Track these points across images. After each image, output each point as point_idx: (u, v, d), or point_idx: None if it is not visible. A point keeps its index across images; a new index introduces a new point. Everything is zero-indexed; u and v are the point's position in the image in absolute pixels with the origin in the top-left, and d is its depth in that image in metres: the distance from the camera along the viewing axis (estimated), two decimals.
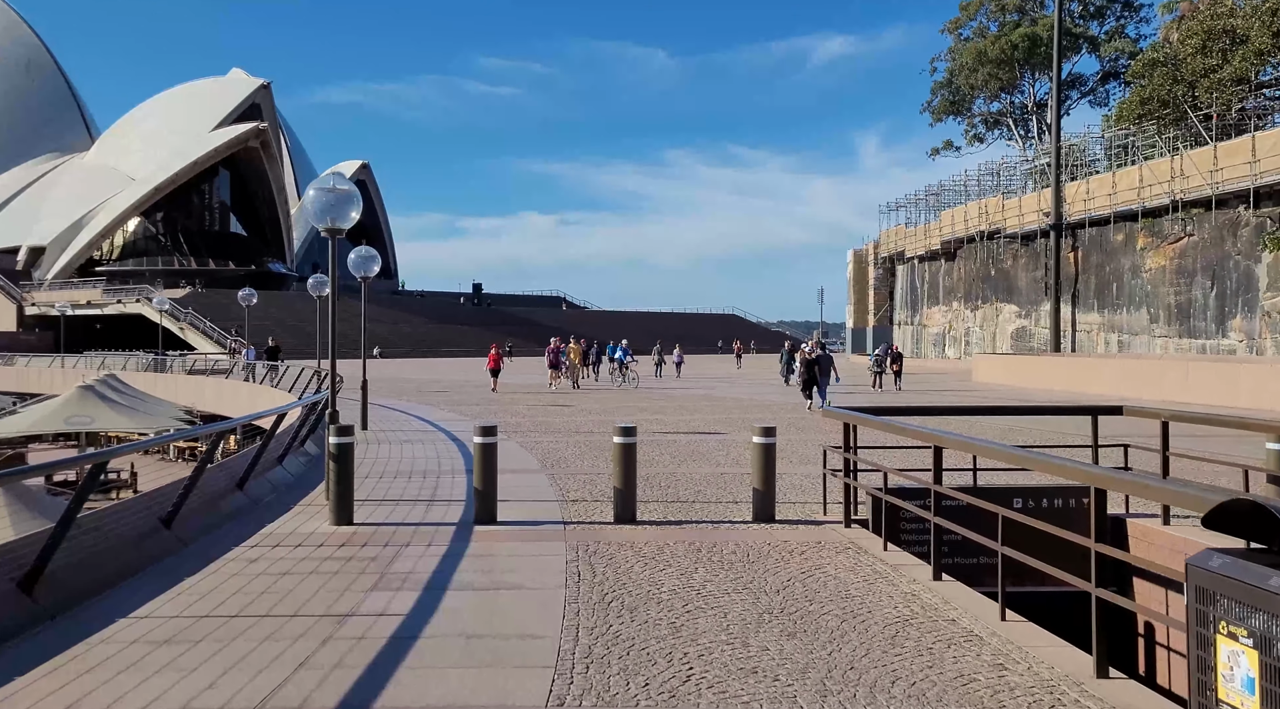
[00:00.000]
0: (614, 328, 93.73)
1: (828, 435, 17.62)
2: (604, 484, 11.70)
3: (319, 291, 25.81)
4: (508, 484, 9.88)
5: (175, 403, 30.29)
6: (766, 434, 9.22)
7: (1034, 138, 75.77)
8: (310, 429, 15.23)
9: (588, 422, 20.80)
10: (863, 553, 7.93)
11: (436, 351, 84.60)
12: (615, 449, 9.26)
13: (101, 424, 19.09)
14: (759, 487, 9.20)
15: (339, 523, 9.01)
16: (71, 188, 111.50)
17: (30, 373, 46.58)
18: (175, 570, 7.23)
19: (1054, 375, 37.25)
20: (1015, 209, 53.73)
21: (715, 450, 15.40)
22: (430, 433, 18.19)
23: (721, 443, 16.54)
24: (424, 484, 11.72)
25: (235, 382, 31.44)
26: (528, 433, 18.15)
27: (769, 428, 9.32)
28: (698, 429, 19.12)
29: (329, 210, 10.04)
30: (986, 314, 57.59)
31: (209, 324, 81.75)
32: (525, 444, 16.10)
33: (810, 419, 21.48)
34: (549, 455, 14.61)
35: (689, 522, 9.32)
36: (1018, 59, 71.78)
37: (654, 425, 19.85)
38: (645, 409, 24.57)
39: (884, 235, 75.51)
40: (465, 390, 33.17)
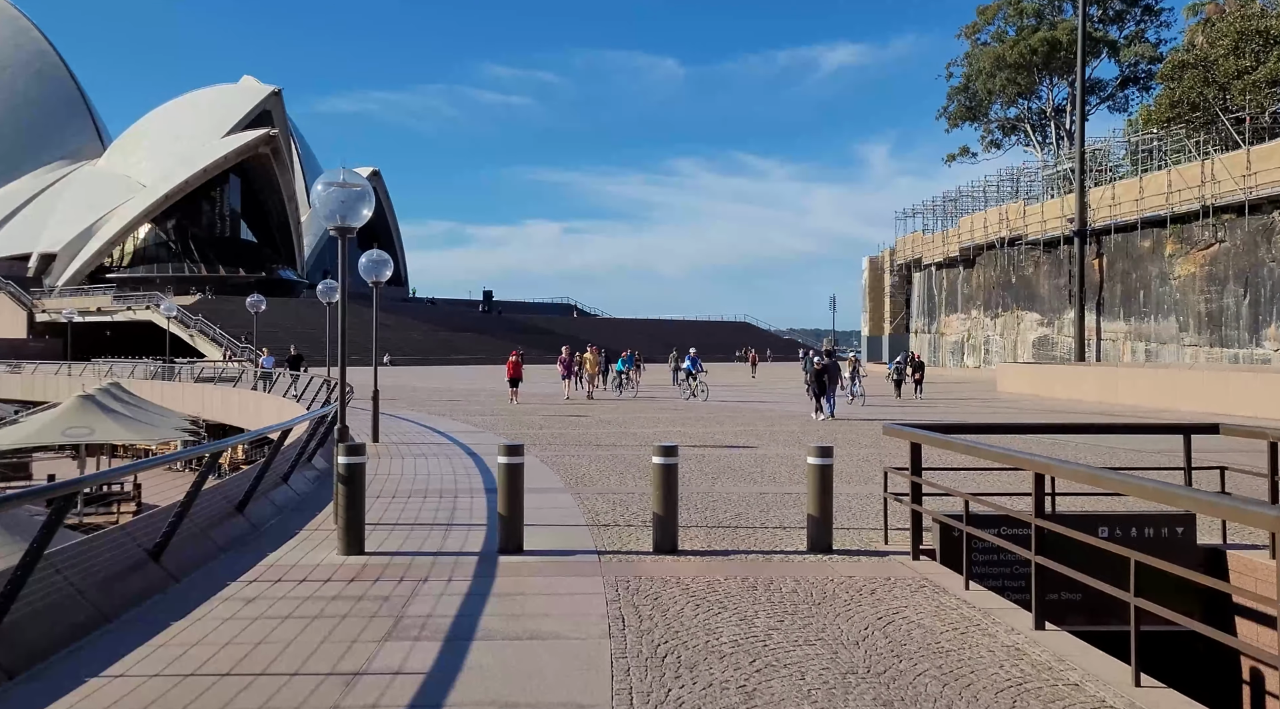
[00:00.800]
0: (625, 335, 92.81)
1: (868, 448, 16.66)
2: (635, 506, 10.77)
3: (329, 298, 24.95)
4: (532, 505, 8.96)
5: (181, 412, 29.47)
6: (823, 454, 8.26)
7: (1052, 144, 74.71)
8: (319, 443, 14.34)
9: (608, 434, 19.86)
10: (942, 593, 6.97)
11: (448, 359, 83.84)
12: (655, 471, 8.32)
13: (101, 435, 18.21)
14: (815, 513, 8.26)
15: (348, 552, 8.09)
16: (82, 195, 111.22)
17: (37, 380, 45.88)
18: (161, 614, 6.31)
19: (1082, 386, 36.18)
20: (1037, 215, 52.71)
21: (749, 466, 14.44)
22: (444, 446, 17.29)
23: (754, 458, 15.59)
24: (440, 505, 10.79)
25: (243, 391, 30.61)
26: (547, 446, 17.23)
27: (825, 447, 8.36)
28: (726, 442, 18.17)
29: (339, 207, 9.15)
30: (1007, 322, 56.52)
31: (219, 331, 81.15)
32: (545, 459, 15.17)
33: (844, 431, 20.50)
34: (572, 472, 13.68)
35: (736, 552, 8.37)
36: (1036, 64, 70.81)
37: (679, 438, 18.90)
38: (666, 421, 23.63)
39: (900, 242, 74.52)
40: (478, 400, 32.27)
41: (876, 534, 9.06)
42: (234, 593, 6.88)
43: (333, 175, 9.35)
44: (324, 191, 9.22)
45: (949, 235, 63.93)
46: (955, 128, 79.15)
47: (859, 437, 19.37)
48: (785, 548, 8.50)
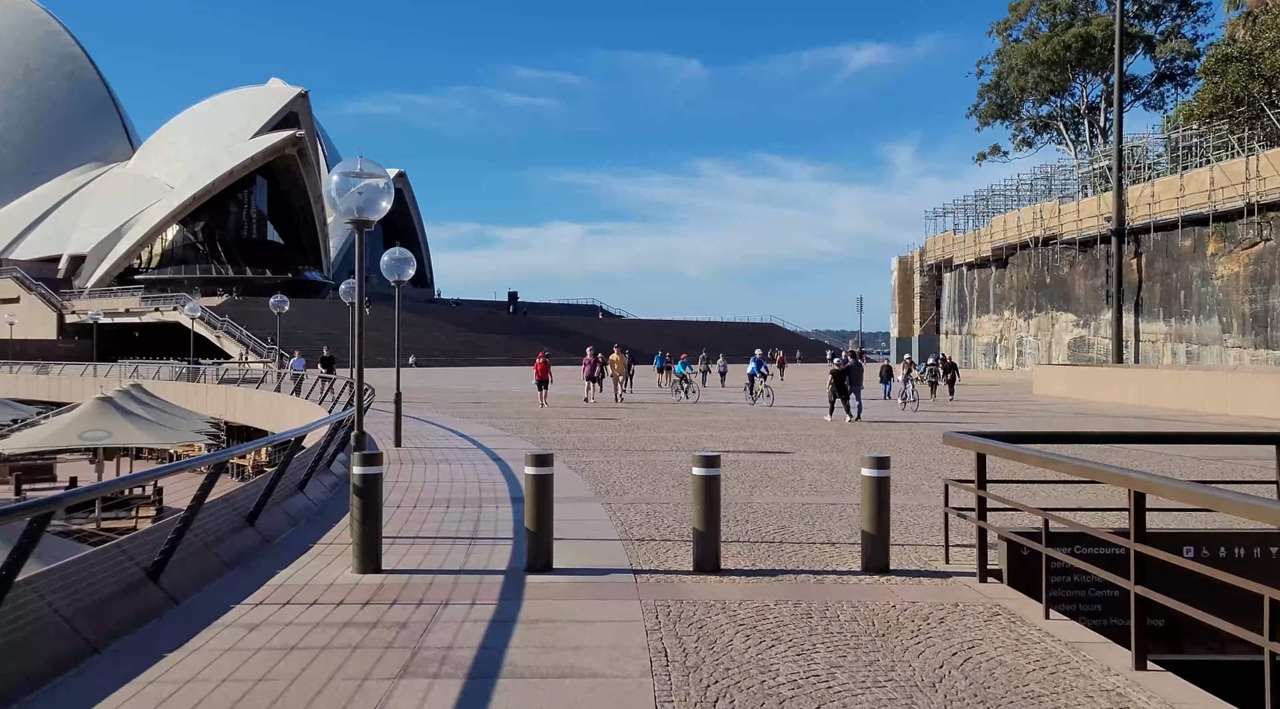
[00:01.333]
0: (652, 337, 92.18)
1: (910, 454, 15.89)
2: (670, 517, 10.11)
3: (352, 298, 24.42)
4: (560, 516, 8.32)
5: (204, 414, 29.12)
6: (879, 465, 7.56)
7: (1086, 142, 73.35)
8: (339, 447, 13.78)
9: (638, 439, 19.20)
10: (1019, 622, 6.26)
11: (473, 361, 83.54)
12: (695, 483, 7.65)
13: (119, 439, 17.73)
14: (870, 529, 7.55)
15: (364, 571, 7.48)
16: (111, 196, 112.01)
17: (62, 382, 45.84)
18: (155, 642, 5.71)
19: (1123, 389, 35.14)
20: (1073, 213, 51.60)
21: (787, 474, 13.74)
22: (469, 450, 16.70)
23: (791, 465, 14.88)
24: (464, 516, 10.17)
25: (266, 392, 30.18)
26: (574, 451, 16.59)
27: (881, 458, 7.65)
28: (760, 447, 17.46)
29: (357, 199, 8.55)
30: (1041, 323, 55.40)
31: (245, 332, 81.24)
32: (573, 465, 14.53)
33: (880, 435, 19.74)
34: (601, 480, 13.03)
35: (784, 571, 7.68)
36: (1070, 60, 69.55)
37: (711, 443, 18.22)
38: (696, 424, 22.95)
39: (930, 242, 73.42)
40: (503, 402, 31.72)
41: (934, 551, 8.35)
42: (237, 618, 6.27)
43: (350, 165, 8.76)
44: (341, 182, 8.62)
45: (981, 235, 62.87)
46: (986, 126, 78.01)
47: (898, 442, 18.61)
48: (838, 567, 7.80)
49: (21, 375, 50.01)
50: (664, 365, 42.50)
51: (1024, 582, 7.46)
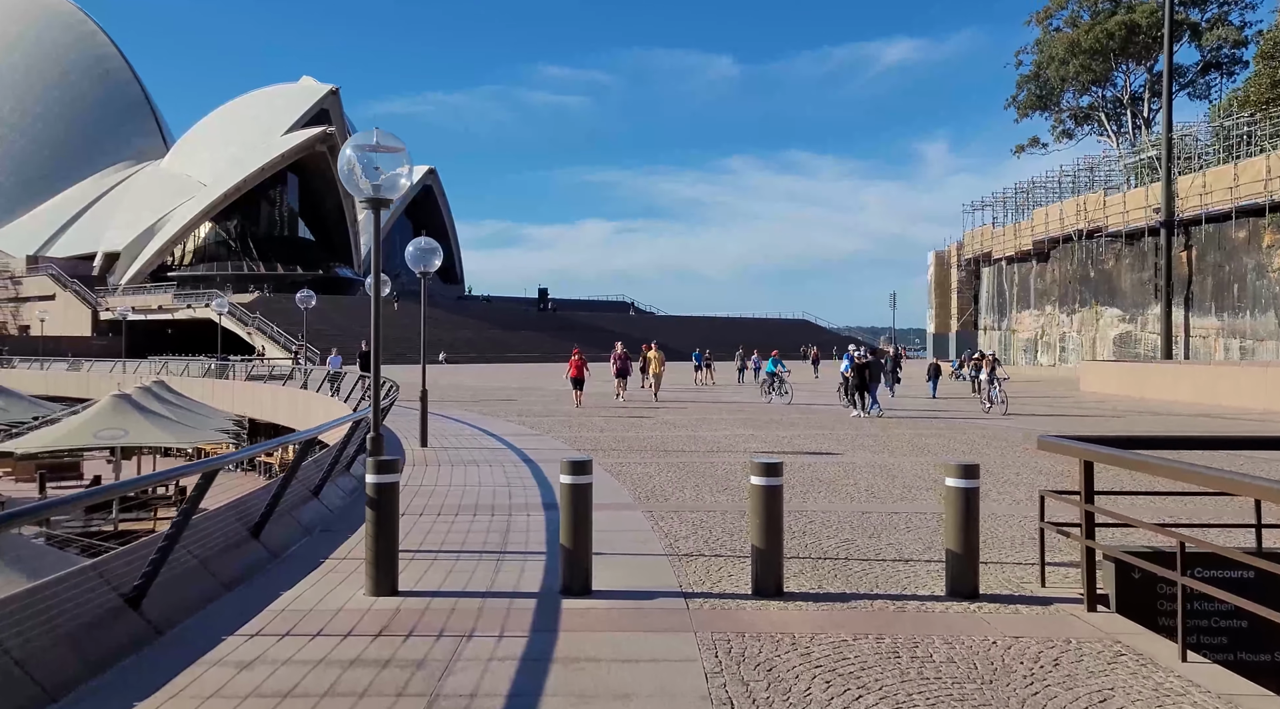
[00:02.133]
0: (683, 333, 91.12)
1: (966, 457, 14.76)
2: (718, 528, 9.15)
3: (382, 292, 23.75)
4: (598, 525, 7.35)
5: (229, 411, 28.51)
6: (967, 475, 6.56)
7: (1128, 133, 71.45)
8: (359, 448, 12.95)
9: (675, 438, 18.24)
10: (1152, 667, 5.23)
11: (503, 357, 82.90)
12: (754, 495, 6.70)
13: (136, 438, 17.00)
14: (956, 547, 6.55)
15: (378, 593, 6.58)
16: (145, 194, 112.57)
17: (92, 378, 45.59)
18: (126, 687, 4.84)
19: (1176, 385, 33.73)
20: (1118, 205, 50.01)
21: (840, 478, 12.72)
22: (498, 451, 15.81)
23: (842, 467, 13.86)
24: (492, 525, 9.27)
25: (292, 389, 29.48)
26: (609, 452, 15.66)
27: (968, 465, 6.65)
28: (805, 448, 16.45)
29: (372, 174, 7.67)
30: (1085, 318, 53.83)
31: (276, 329, 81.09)
32: (610, 468, 13.60)
33: (928, 437, 18.68)
34: (641, 484, 12.08)
35: (857, 596, 6.70)
36: (1113, 49, 67.81)
37: (753, 442, 17.25)
38: (735, 422, 21.96)
39: (968, 236, 71.85)
40: (533, 399, 30.85)
41: (1023, 572, 7.33)
42: (228, 654, 5.38)
43: (366, 138, 7.87)
44: (353, 155, 7.74)
45: (1021, 228, 61.34)
46: (1025, 117, 76.48)
47: (951, 442, 17.54)
48: (917, 591, 6.81)
49: (51, 372, 49.89)
50: (702, 362, 41.18)
51: (1136, 610, 6.45)
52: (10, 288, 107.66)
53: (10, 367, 55.84)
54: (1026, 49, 75.43)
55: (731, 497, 11.11)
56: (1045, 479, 12.37)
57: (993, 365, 26.59)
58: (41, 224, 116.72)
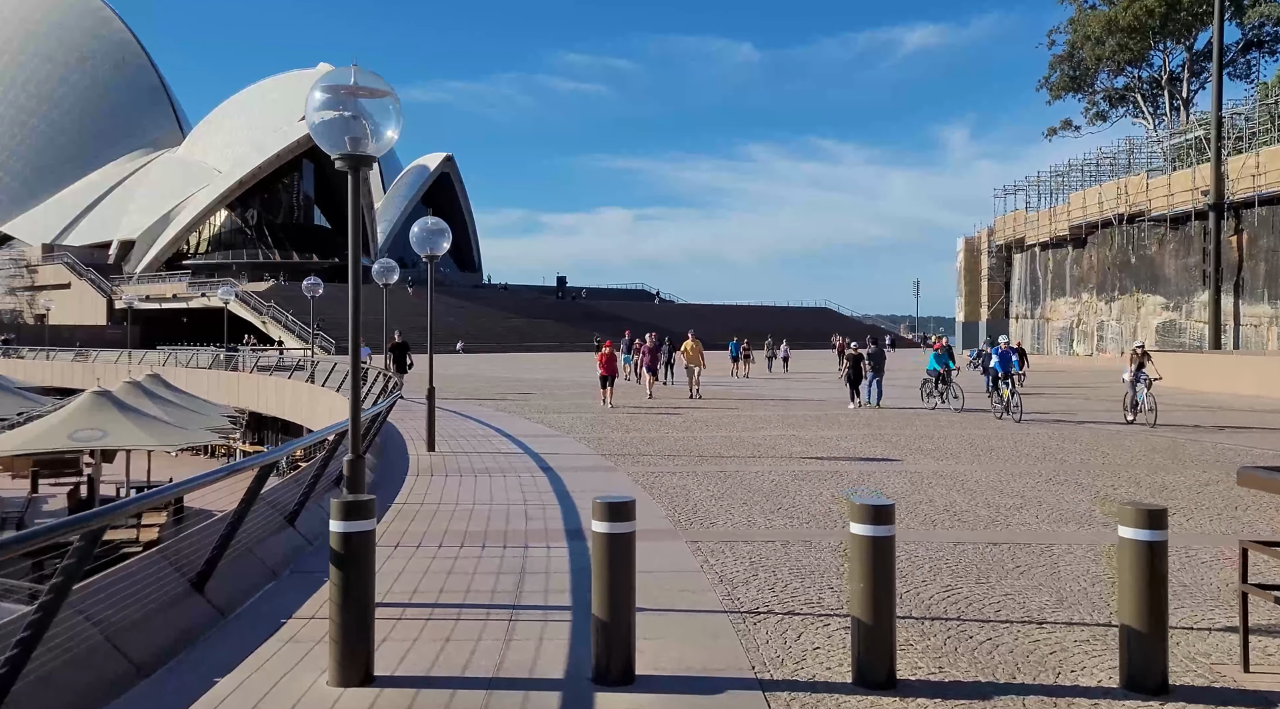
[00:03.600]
0: (704, 322, 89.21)
1: (1039, 462, 12.95)
2: (783, 568, 7.39)
3: (386, 279, 22.03)
4: None
5: (232, 405, 26.95)
6: (1152, 523, 4.75)
7: (1164, 114, 68.95)
8: None
9: (710, 441, 16.48)
10: None
11: (521, 346, 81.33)
12: (855, 548, 4.94)
13: (115, 439, 15.29)
14: (1139, 625, 4.76)
15: (345, 683, 4.87)
16: (161, 182, 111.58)
17: (98, 368, 44.18)
18: None
19: (1235, 377, 31.69)
20: (1162, 188, 47.76)
21: (910, 492, 10.93)
22: (513, 457, 14.10)
23: (908, 478, 12.06)
24: (503, 563, 7.54)
25: (297, 382, 27.89)
26: (638, 458, 13.92)
27: (1154, 510, 4.83)
28: (857, 453, 14.66)
29: (346, 124, 5.93)
30: (1125, 306, 51.66)
31: (291, 317, 79.74)
32: (640, 478, 11.86)
33: (978, 436, 16.84)
34: (678, 501, 10.33)
35: (997, 688, 4.91)
36: (1152, 26, 65.27)
37: (797, 447, 15.47)
38: (773, 421, 20.17)
39: (999, 221, 69.63)
40: (552, 393, 29.17)
41: (1213, 643, 5.55)
42: None
43: (340, 75, 6.12)
44: (322, 98, 5.99)
45: (1056, 213, 59.14)
46: (1058, 99, 74.01)
47: (1014, 443, 15.70)
48: (1078, 679, 5.02)
49: (56, 362, 48.59)
50: (739, 353, 39.13)
51: None
52: (26, 276, 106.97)
53: (18, 356, 54.62)
54: (1059, 28, 72.97)
55: (788, 519, 9.36)
56: (1212, 516, 10.43)
57: (1141, 360, 19.63)
58: (58, 212, 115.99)
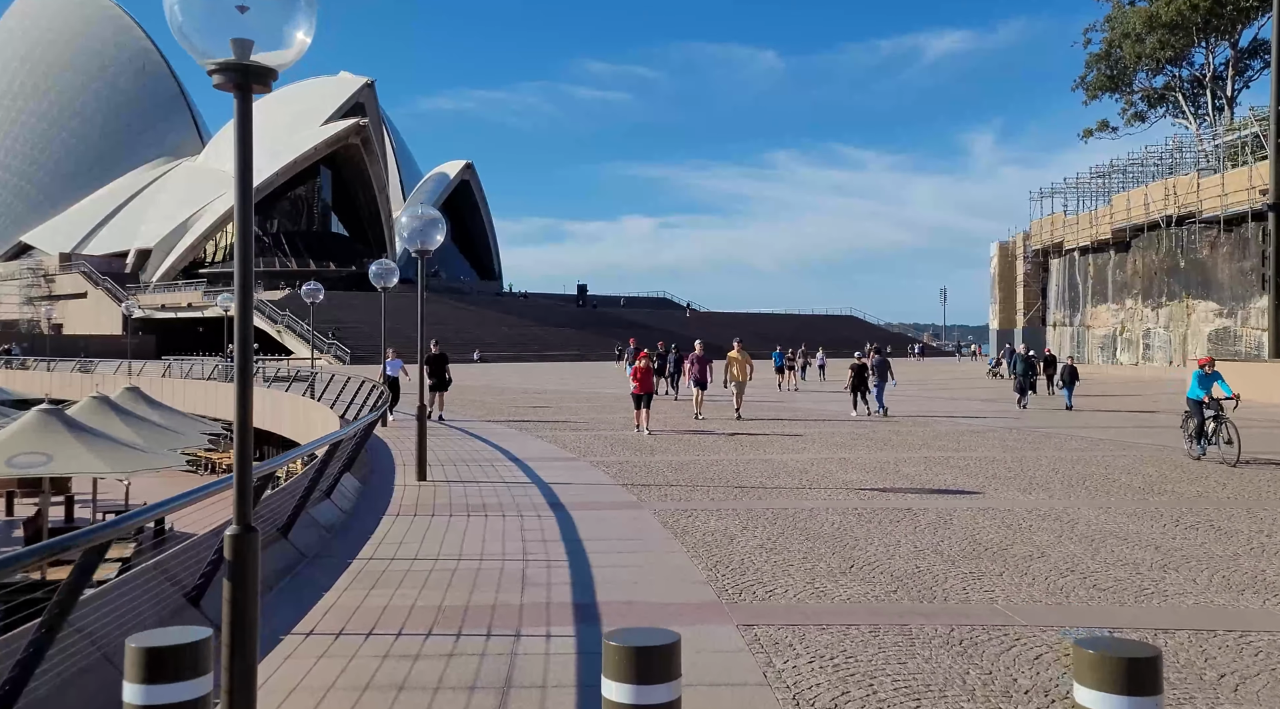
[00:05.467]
0: (726, 330, 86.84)
1: (1170, 500, 10.60)
2: (882, 674, 5.15)
3: (385, 282, 19.97)
4: None
5: (227, 419, 24.88)
6: None
7: (1207, 114, 66.19)
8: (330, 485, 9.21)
9: (748, 465, 14.22)
10: None
11: (540, 355, 79.28)
12: None
13: (60, 465, 13.08)
14: None
15: None
16: (179, 191, 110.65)
17: (98, 380, 42.41)
18: None
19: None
20: (1215, 188, 45.14)
21: (1009, 543, 8.64)
22: (517, 487, 11.92)
23: (998, 519, 9.78)
24: (482, 672, 5.33)
25: (294, 396, 25.83)
26: (666, 489, 11.68)
27: None
28: (924, 482, 12.38)
29: (220, 14, 3.78)
30: (1174, 312, 48.99)
31: (306, 326, 78.09)
32: (670, 520, 9.65)
33: (1058, 458, 14.52)
34: (720, 555, 8.10)
35: None
36: (1195, 22, 62.66)
37: (851, 474, 13.21)
38: (815, 440, 17.89)
39: (1035, 225, 67.12)
40: (568, 406, 27.00)
41: None
42: None
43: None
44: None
45: (1098, 215, 56.61)
46: (1094, 99, 71.52)
47: (1094, 468, 13.36)
48: None
49: (57, 373, 46.87)
50: (783, 363, 36.31)
51: None
52: (43, 286, 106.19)
53: (23, 367, 53.03)
54: (1095, 26, 70.56)
55: (866, 584, 7.12)
56: None
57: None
58: (79, 221, 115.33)
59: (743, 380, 22.24)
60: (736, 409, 22.32)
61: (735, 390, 22.30)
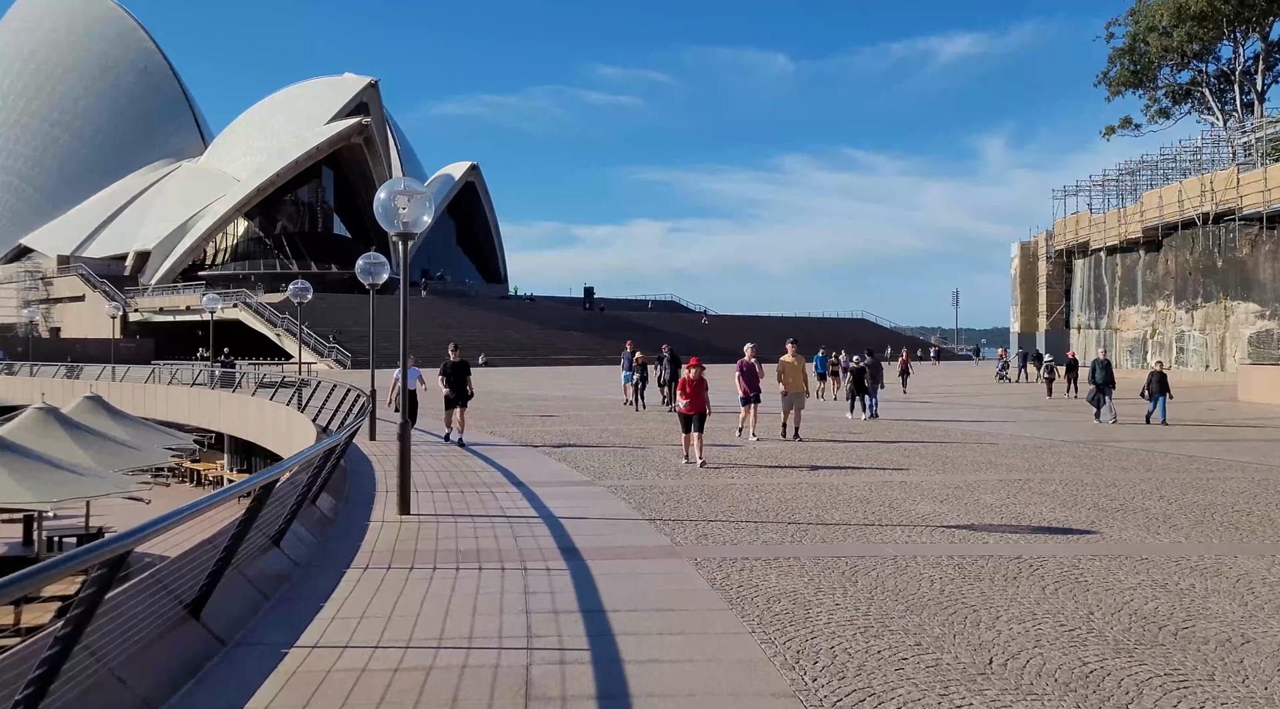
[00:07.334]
0: (737, 334, 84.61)
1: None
2: None
3: (372, 279, 17.81)
4: None
5: (213, 429, 22.81)
6: None
7: (1235, 111, 63.87)
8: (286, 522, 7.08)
9: (795, 490, 12.01)
10: None
11: (547, 359, 77.11)
12: None
13: None
14: None
15: None
16: (179, 192, 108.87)
17: (79, 386, 40.34)
18: None
19: None
20: (1257, 183, 42.82)
21: (1184, 616, 6.42)
22: (522, 523, 9.72)
23: (1145, 577, 7.55)
24: None
25: (278, 405, 23.63)
26: (703, 527, 9.49)
27: None
28: (1020, 519, 10.15)
29: None
30: (1211, 314, 46.67)
31: (306, 330, 75.98)
32: (718, 577, 7.44)
33: (1161, 481, 12.30)
34: (795, 633, 5.92)
35: None
36: (1226, 14, 60.40)
37: (921, 504, 11.00)
38: (863, 458, 15.68)
39: (1059, 224, 64.87)
40: (579, 416, 24.83)
41: None
42: None
43: None
44: None
45: (1127, 214, 54.33)
46: (1117, 95, 69.20)
47: (1220, 497, 11.14)
48: None
49: (40, 378, 44.62)
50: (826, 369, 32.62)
51: None
52: (42, 288, 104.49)
53: (9, 372, 50.93)
54: (1119, 20, 68.36)
55: (1030, 700, 4.90)
56: None
57: None
58: (80, 223, 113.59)
59: (801, 391, 18.31)
60: (793, 428, 18.24)
61: (788, 406, 18.22)
